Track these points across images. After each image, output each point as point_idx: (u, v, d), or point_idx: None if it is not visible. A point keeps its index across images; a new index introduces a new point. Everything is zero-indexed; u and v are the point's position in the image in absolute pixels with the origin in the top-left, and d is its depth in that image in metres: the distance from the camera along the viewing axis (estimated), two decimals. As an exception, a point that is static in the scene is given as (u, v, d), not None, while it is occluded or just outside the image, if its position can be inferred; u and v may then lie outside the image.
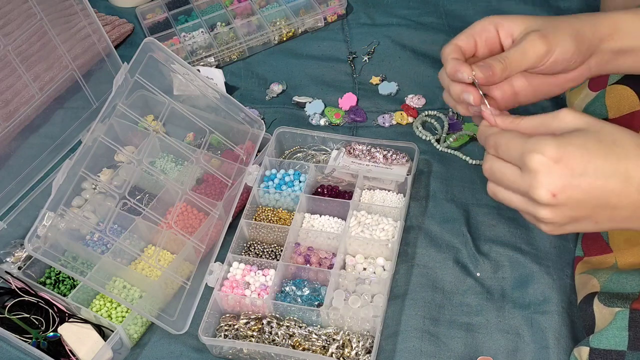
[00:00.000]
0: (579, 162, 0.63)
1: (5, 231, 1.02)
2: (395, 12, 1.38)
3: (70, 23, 1.11)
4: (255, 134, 1.10)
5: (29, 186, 1.07)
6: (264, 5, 1.39)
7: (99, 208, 1.04)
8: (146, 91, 1.03)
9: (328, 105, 1.23)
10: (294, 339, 0.91)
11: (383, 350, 0.92)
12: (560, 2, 1.35)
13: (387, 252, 0.98)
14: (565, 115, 0.66)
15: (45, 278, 0.99)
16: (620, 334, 0.80)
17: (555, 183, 0.63)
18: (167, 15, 1.38)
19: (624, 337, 0.80)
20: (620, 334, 0.80)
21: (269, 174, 1.08)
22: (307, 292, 0.95)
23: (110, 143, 0.97)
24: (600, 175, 0.63)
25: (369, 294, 0.95)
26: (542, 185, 0.63)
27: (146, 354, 0.94)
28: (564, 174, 0.63)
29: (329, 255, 1.00)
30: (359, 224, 1.01)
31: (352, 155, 1.09)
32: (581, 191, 0.63)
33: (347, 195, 1.05)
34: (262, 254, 1.01)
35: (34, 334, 0.92)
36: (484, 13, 1.35)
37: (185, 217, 1.02)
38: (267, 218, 1.05)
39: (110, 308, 0.96)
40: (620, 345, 0.80)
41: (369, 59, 1.30)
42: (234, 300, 0.95)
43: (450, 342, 0.92)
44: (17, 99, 1.06)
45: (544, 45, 0.72)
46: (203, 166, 1.04)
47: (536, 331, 0.91)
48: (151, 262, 0.98)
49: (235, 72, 1.30)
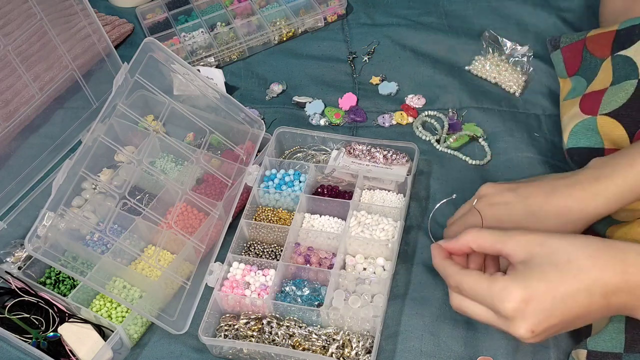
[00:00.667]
0: (546, 297, 0.67)
1: (5, 231, 1.02)
2: (395, 12, 1.38)
3: (70, 23, 1.11)
4: (255, 134, 1.10)
5: (29, 186, 1.07)
6: (264, 5, 1.39)
7: (99, 208, 1.04)
8: (146, 91, 1.03)
9: (328, 105, 1.23)
10: (294, 339, 0.92)
11: (383, 350, 0.92)
12: (560, 2, 1.35)
13: (387, 252, 0.98)
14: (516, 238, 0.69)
15: (45, 278, 0.99)
16: (617, 336, 0.80)
17: (532, 321, 0.67)
18: (167, 15, 1.38)
19: (621, 340, 0.80)
20: (617, 336, 0.80)
21: (269, 174, 1.08)
22: (307, 292, 0.95)
23: (110, 143, 0.97)
24: (567, 299, 0.67)
25: (369, 294, 0.95)
26: (521, 327, 0.68)
27: (146, 354, 0.94)
28: (536, 312, 0.67)
29: (329, 255, 1.00)
30: (359, 224, 1.01)
31: (352, 155, 1.09)
32: (555, 318, 0.68)
33: (347, 195, 1.05)
34: (262, 254, 1.01)
35: (34, 334, 0.92)
36: (484, 13, 1.36)
37: (185, 217, 1.02)
38: (267, 218, 1.05)
39: (110, 308, 0.96)
40: (617, 347, 0.80)
41: (369, 59, 1.30)
42: (234, 300, 0.95)
43: (450, 342, 0.92)
44: (17, 99, 1.06)
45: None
46: (203, 166, 1.04)
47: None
48: (151, 262, 0.98)
49: (235, 72, 1.30)
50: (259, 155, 1.09)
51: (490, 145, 1.14)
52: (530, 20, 1.33)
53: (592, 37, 1.08)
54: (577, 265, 0.67)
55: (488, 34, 1.27)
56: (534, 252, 0.68)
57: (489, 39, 1.26)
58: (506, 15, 1.35)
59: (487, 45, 1.26)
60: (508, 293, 0.67)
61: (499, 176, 1.09)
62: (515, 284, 0.67)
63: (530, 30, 1.31)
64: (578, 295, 0.67)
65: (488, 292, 0.69)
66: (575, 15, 1.32)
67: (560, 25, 1.31)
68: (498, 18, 1.34)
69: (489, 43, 1.26)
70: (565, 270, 0.67)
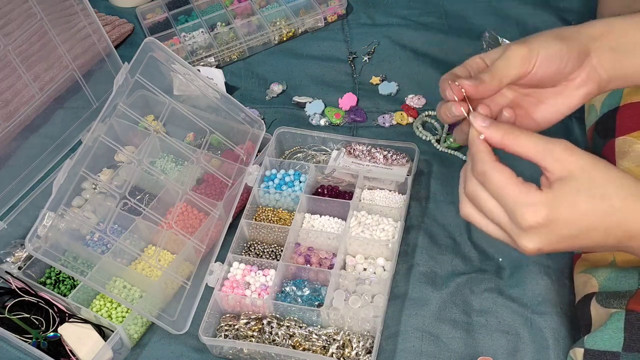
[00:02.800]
0: (568, 225, 0.65)
1: (5, 231, 1.02)
2: (395, 12, 1.38)
3: (70, 23, 1.11)
4: (255, 134, 1.10)
5: (29, 186, 1.07)
6: (264, 5, 1.39)
7: (99, 208, 1.04)
8: (146, 91, 1.03)
9: (328, 105, 1.23)
10: (294, 339, 0.92)
11: (383, 351, 0.92)
12: (560, 2, 1.35)
13: (387, 252, 0.98)
14: (561, 154, 0.65)
15: (45, 278, 0.99)
16: (615, 335, 0.80)
17: (544, 242, 0.65)
18: (167, 15, 1.38)
19: (620, 338, 0.80)
20: (616, 335, 0.80)
21: (269, 174, 1.08)
22: (308, 292, 0.95)
23: (111, 143, 0.97)
24: (585, 233, 0.65)
25: (369, 294, 0.95)
26: (531, 242, 0.65)
27: (146, 354, 0.94)
28: (552, 236, 0.65)
29: (329, 255, 1.00)
30: (359, 224, 1.01)
31: (352, 155, 1.09)
32: (565, 244, 0.66)
33: (347, 196, 1.05)
34: (263, 254, 1.01)
35: (34, 334, 0.92)
36: (484, 13, 1.36)
37: (186, 217, 1.02)
38: (267, 218, 1.05)
39: (111, 308, 0.96)
40: (615, 346, 0.80)
41: (369, 59, 1.30)
42: (234, 301, 0.95)
43: (450, 342, 0.92)
44: (17, 99, 1.06)
45: (524, 47, 0.70)
46: (203, 166, 1.04)
47: (536, 331, 0.91)
48: (151, 262, 0.98)
49: (235, 72, 1.30)
50: (259, 156, 1.09)
51: (490, 145, 1.14)
52: (530, 20, 1.33)
53: None
54: (610, 204, 0.64)
55: (488, 34, 1.27)
56: (574, 174, 0.64)
57: (489, 39, 1.26)
58: (506, 15, 1.35)
59: (487, 45, 1.26)
60: (535, 209, 0.64)
61: (499, 176, 1.09)
62: (546, 203, 0.64)
63: (530, 31, 1.31)
64: (596, 233, 0.65)
65: (516, 198, 0.64)
66: (575, 15, 1.32)
67: (560, 25, 1.30)
68: (498, 18, 1.34)
69: (489, 43, 1.26)
70: (596, 206, 0.64)
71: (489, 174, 0.65)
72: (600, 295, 0.85)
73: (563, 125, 1.15)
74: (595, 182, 0.64)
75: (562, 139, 0.65)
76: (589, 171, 0.64)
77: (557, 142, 0.65)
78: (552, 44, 0.71)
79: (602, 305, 0.83)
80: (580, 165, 0.64)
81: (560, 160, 0.64)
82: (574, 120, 1.15)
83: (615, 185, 0.64)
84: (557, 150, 0.64)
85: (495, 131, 0.66)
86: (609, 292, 0.85)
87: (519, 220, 0.64)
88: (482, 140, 0.67)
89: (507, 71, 0.70)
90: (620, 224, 0.65)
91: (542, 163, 0.65)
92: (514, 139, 0.65)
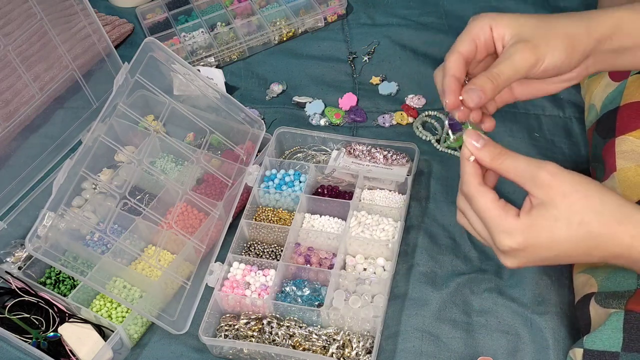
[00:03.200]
0: (546, 250, 0.68)
1: (5, 231, 1.02)
2: (395, 12, 1.38)
3: (70, 23, 1.11)
4: (255, 134, 1.10)
5: (29, 186, 1.07)
6: (264, 5, 1.39)
7: (99, 208, 1.04)
8: (146, 91, 1.03)
9: (328, 105, 1.23)
10: (295, 339, 0.92)
11: (383, 351, 0.92)
12: (560, 1, 1.35)
13: (387, 252, 0.98)
14: (544, 179, 0.67)
15: (45, 278, 0.99)
16: (614, 335, 0.80)
17: (522, 262, 0.70)
18: (167, 15, 1.38)
19: (619, 338, 0.79)
20: (615, 335, 0.80)
21: (269, 174, 1.08)
22: (308, 292, 0.95)
23: (111, 143, 0.97)
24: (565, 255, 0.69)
25: (369, 294, 0.95)
26: (510, 262, 0.70)
27: (146, 354, 0.94)
28: (529, 257, 0.69)
29: (329, 255, 1.00)
30: (359, 224, 1.01)
31: (352, 155, 1.09)
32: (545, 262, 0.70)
33: (347, 196, 1.05)
34: (263, 254, 1.01)
35: (34, 334, 0.92)
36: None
37: (186, 217, 1.02)
38: (267, 218, 1.05)
39: (111, 308, 0.96)
40: (614, 346, 0.79)
41: (369, 59, 1.30)
42: (234, 301, 0.95)
43: (450, 342, 0.92)
44: (17, 99, 1.06)
45: (533, 56, 0.71)
46: (203, 166, 1.04)
47: (536, 331, 0.91)
48: (151, 262, 0.98)
49: (235, 72, 1.30)
50: (259, 156, 1.09)
51: (490, 146, 1.14)
52: (530, 20, 1.33)
53: None
54: (587, 230, 0.66)
55: (488, 34, 1.26)
56: (554, 201, 0.67)
57: (489, 39, 1.26)
58: (506, 15, 1.35)
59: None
60: (511, 236, 0.68)
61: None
62: (522, 230, 0.67)
63: (530, 31, 1.31)
64: (576, 254, 0.68)
65: (495, 223, 0.69)
66: (575, 15, 1.32)
67: (560, 25, 1.31)
68: (498, 18, 1.34)
69: (489, 43, 1.26)
70: (573, 233, 0.66)
71: (473, 197, 0.70)
72: (600, 296, 0.85)
73: (563, 124, 1.15)
74: (573, 209, 0.66)
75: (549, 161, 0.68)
76: (569, 197, 0.66)
77: (542, 167, 0.67)
78: (560, 52, 0.72)
79: (601, 305, 0.83)
80: (561, 191, 0.67)
81: (542, 187, 0.67)
82: (573, 121, 1.15)
83: (594, 212, 0.66)
84: (541, 175, 0.67)
85: (485, 154, 0.70)
86: (608, 292, 0.85)
87: (497, 244, 0.69)
88: (471, 162, 0.71)
89: (511, 78, 0.72)
90: (599, 247, 0.67)
91: (525, 187, 0.69)
92: (501, 164, 0.69)
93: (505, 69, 0.71)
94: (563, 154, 1.11)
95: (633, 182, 0.88)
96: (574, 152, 1.11)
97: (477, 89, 0.71)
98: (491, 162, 0.70)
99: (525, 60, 0.71)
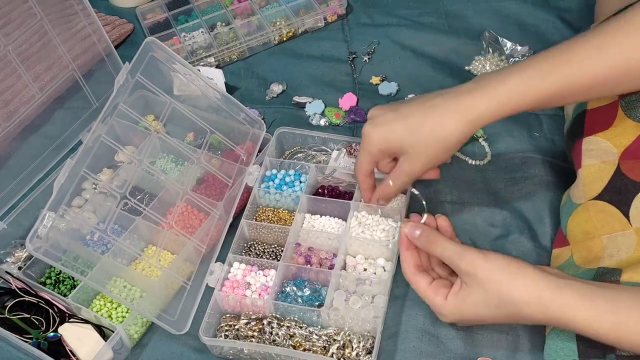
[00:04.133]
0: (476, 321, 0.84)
1: (5, 231, 1.02)
2: (395, 12, 1.38)
3: (70, 23, 1.11)
4: (255, 134, 1.10)
5: (29, 186, 1.07)
6: (264, 5, 1.39)
7: (99, 208, 1.04)
8: (147, 91, 1.03)
9: (328, 105, 1.23)
10: (295, 339, 0.92)
11: (383, 351, 0.92)
12: (560, 1, 1.35)
13: (387, 252, 0.98)
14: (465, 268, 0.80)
15: (45, 278, 0.99)
16: (568, 345, 0.80)
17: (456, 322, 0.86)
18: (167, 15, 1.38)
19: (573, 348, 0.80)
20: (569, 345, 0.80)
21: (269, 175, 1.08)
22: (308, 293, 0.95)
23: (112, 143, 0.97)
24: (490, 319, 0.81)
25: (369, 295, 0.95)
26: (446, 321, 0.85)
27: (147, 354, 0.94)
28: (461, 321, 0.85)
29: (330, 255, 1.00)
30: (359, 225, 1.01)
31: (353, 155, 1.09)
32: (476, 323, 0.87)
33: (348, 196, 1.05)
34: (263, 254, 1.01)
35: (34, 334, 0.92)
36: (484, 13, 1.36)
37: (186, 217, 1.02)
38: (267, 218, 1.05)
39: (111, 308, 0.96)
40: (570, 355, 0.80)
41: (369, 59, 1.30)
42: (234, 301, 0.95)
43: (450, 342, 0.92)
44: (17, 99, 1.06)
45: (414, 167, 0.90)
46: (203, 166, 1.04)
47: (535, 332, 0.91)
48: (152, 262, 0.98)
49: (235, 72, 1.30)
50: (260, 156, 1.09)
51: (490, 145, 1.14)
52: (530, 20, 1.33)
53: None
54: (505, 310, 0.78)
55: (488, 34, 1.27)
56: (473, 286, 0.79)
57: (489, 39, 1.26)
58: (506, 15, 1.35)
59: (487, 45, 1.26)
60: (443, 316, 0.83)
61: (499, 176, 1.09)
62: (450, 312, 0.82)
63: (530, 30, 1.31)
64: (507, 321, 0.80)
65: (431, 302, 0.84)
66: (575, 15, 1.33)
67: (560, 25, 1.31)
68: (498, 18, 1.34)
69: (489, 43, 1.26)
70: (493, 312, 0.79)
71: (410, 280, 0.86)
72: None
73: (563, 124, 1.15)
74: (490, 294, 0.78)
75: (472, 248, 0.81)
76: (484, 285, 0.78)
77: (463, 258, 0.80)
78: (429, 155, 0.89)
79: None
80: (478, 280, 0.78)
81: (465, 274, 0.80)
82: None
83: (507, 298, 0.77)
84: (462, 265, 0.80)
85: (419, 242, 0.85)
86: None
87: (436, 313, 0.84)
88: (406, 252, 0.86)
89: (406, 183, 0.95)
90: (522, 319, 0.79)
91: (453, 266, 0.82)
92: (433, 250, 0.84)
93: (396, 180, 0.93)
94: (563, 154, 1.11)
95: (595, 177, 0.90)
96: (574, 152, 1.11)
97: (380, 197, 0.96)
98: (424, 247, 0.85)
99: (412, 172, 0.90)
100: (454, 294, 0.81)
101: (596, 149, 0.92)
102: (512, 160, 1.12)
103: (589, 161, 0.92)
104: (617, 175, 0.88)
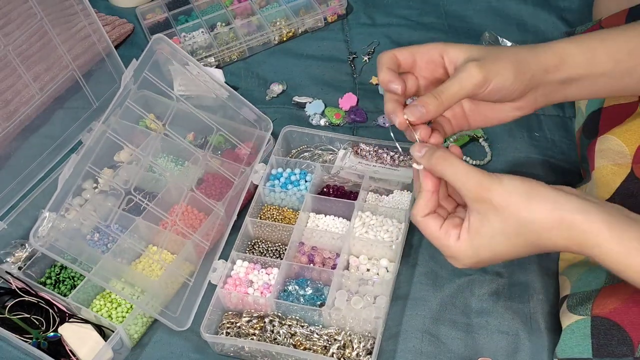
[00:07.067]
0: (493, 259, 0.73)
1: (5, 231, 1.02)
2: (395, 12, 1.39)
3: (70, 23, 1.11)
4: (261, 132, 1.10)
5: (29, 186, 1.07)
6: (264, 5, 1.39)
7: (100, 208, 1.04)
8: (150, 90, 1.03)
9: (328, 105, 1.23)
10: (296, 338, 0.91)
11: (384, 351, 0.92)
12: (560, 1, 1.36)
13: (390, 253, 0.98)
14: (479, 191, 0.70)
15: (45, 278, 0.99)
16: (583, 342, 0.80)
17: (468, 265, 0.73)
18: (167, 15, 1.38)
19: (587, 345, 0.80)
20: (584, 342, 0.80)
21: (275, 173, 1.08)
22: (310, 292, 0.95)
23: (118, 139, 0.95)
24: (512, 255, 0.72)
25: (371, 295, 0.95)
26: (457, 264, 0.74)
27: (147, 354, 0.94)
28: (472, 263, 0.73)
29: (333, 255, 0.99)
30: (363, 225, 1.01)
31: (359, 155, 1.09)
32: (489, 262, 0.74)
33: (353, 196, 1.05)
34: (266, 252, 1.01)
35: (34, 334, 0.92)
36: (484, 13, 1.36)
37: (187, 217, 1.02)
38: (272, 217, 1.04)
39: (111, 308, 0.95)
40: (585, 353, 0.80)
41: (369, 59, 1.30)
42: (236, 298, 0.94)
43: (450, 342, 0.92)
44: (17, 99, 1.06)
45: (480, 73, 0.72)
46: (207, 165, 1.04)
47: (535, 332, 0.91)
48: (154, 258, 0.97)
49: (235, 72, 1.30)
50: (265, 154, 1.09)
51: (490, 145, 1.14)
52: (530, 20, 1.33)
53: (607, 19, 1.06)
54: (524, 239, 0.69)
55: (488, 34, 1.27)
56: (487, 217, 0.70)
57: (489, 39, 1.27)
58: (506, 15, 1.35)
59: (487, 45, 1.26)
60: (457, 260, 0.74)
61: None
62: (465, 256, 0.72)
63: (530, 30, 1.32)
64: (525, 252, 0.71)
65: (442, 248, 0.74)
66: (575, 15, 1.33)
67: (560, 25, 1.31)
68: (498, 18, 1.34)
69: (489, 43, 1.26)
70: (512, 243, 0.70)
71: (419, 224, 0.75)
72: (571, 300, 0.85)
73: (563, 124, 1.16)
74: (508, 221, 0.69)
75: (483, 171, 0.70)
76: (505, 208, 0.69)
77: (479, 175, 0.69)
78: (507, 75, 0.73)
79: (570, 311, 0.84)
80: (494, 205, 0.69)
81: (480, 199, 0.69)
82: (574, 120, 1.15)
83: (527, 223, 0.68)
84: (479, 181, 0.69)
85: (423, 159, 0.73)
86: (578, 294, 0.85)
87: (444, 255, 0.74)
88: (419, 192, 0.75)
89: (457, 95, 0.73)
90: (545, 247, 0.70)
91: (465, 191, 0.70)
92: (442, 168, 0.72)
93: (451, 86, 0.72)
94: (563, 154, 1.11)
95: (606, 180, 0.89)
96: (574, 152, 1.11)
97: (419, 105, 0.72)
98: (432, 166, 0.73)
99: (472, 77, 0.72)
100: (466, 229, 0.72)
101: (608, 149, 0.91)
102: (512, 161, 1.12)
103: (601, 162, 0.91)
104: (630, 178, 0.87)
